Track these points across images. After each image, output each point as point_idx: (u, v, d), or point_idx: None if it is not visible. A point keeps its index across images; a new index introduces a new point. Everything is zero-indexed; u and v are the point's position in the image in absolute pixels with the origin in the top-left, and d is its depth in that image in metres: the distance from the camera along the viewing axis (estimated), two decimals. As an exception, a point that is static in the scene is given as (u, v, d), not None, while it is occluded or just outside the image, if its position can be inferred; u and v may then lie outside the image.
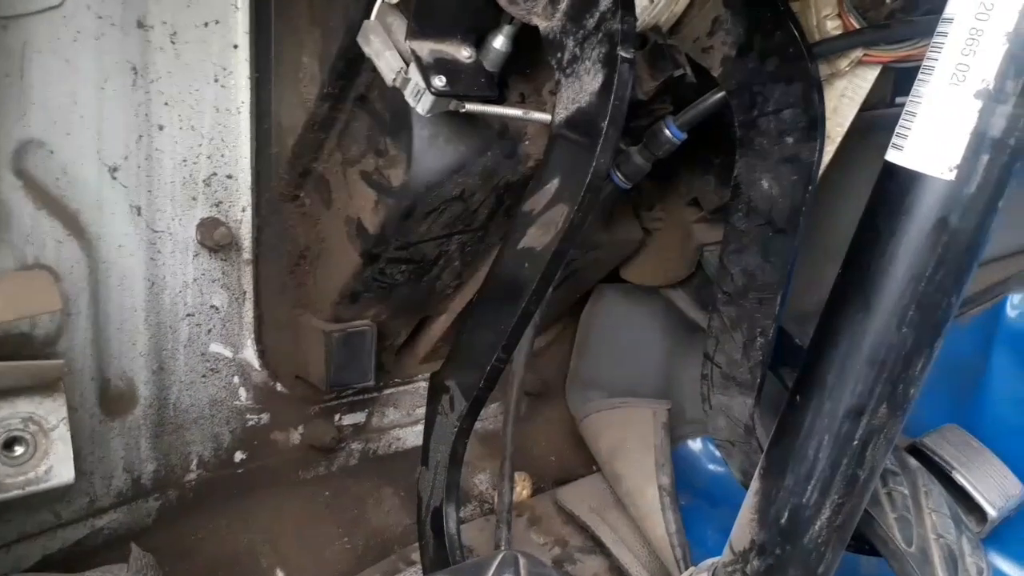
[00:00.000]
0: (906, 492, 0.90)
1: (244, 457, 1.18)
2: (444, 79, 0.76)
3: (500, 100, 0.85)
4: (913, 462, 0.95)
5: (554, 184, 0.78)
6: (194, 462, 1.13)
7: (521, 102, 0.89)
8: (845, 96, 0.87)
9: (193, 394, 1.09)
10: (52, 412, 0.83)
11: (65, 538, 1.03)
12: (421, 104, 0.76)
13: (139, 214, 0.95)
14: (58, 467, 0.84)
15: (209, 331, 1.07)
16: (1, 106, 0.82)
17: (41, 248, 0.88)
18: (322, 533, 1.22)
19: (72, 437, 0.86)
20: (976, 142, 0.59)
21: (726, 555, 0.81)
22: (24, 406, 0.81)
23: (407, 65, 0.77)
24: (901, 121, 0.64)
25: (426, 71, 0.75)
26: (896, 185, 0.64)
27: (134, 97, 0.90)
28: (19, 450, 0.82)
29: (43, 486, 0.84)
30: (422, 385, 1.36)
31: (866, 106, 0.87)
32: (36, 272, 0.85)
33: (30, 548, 1.00)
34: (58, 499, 1.00)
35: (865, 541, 0.90)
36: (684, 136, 0.94)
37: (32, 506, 0.98)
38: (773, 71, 0.81)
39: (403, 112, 0.85)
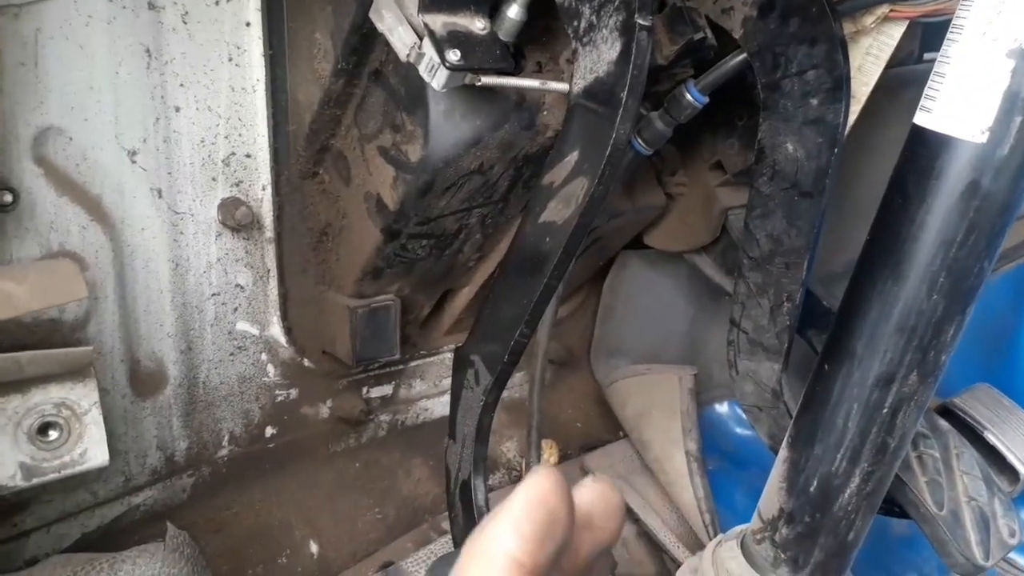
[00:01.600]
0: (937, 455, 0.89)
1: (275, 432, 1.20)
2: (459, 53, 0.74)
3: (516, 71, 0.84)
4: (944, 424, 0.94)
5: (574, 156, 0.77)
6: (226, 438, 1.15)
7: (538, 71, 0.87)
8: (871, 54, 0.85)
9: (222, 372, 1.11)
10: (84, 397, 0.84)
11: (103, 516, 1.06)
12: (436, 79, 0.75)
13: (160, 196, 0.95)
14: (92, 450, 0.86)
15: (235, 310, 1.08)
16: (18, 94, 0.82)
17: (66, 234, 0.89)
18: (354, 504, 1.24)
19: (105, 418, 0.88)
20: (1008, 103, 0.57)
21: (755, 523, 0.81)
22: (56, 392, 0.83)
23: (420, 40, 0.75)
24: (930, 83, 0.62)
25: (440, 45, 0.74)
26: (925, 149, 0.62)
27: (149, 80, 0.90)
28: (53, 435, 0.84)
29: (78, 469, 0.85)
30: (447, 356, 1.37)
31: (893, 63, 0.85)
32: (61, 261, 0.86)
33: (69, 527, 1.03)
34: (95, 479, 1.03)
35: (895, 504, 0.89)
36: (706, 100, 0.92)
37: (70, 486, 1.00)
38: (796, 31, 0.79)
39: (418, 87, 0.84)
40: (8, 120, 0.81)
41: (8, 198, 0.80)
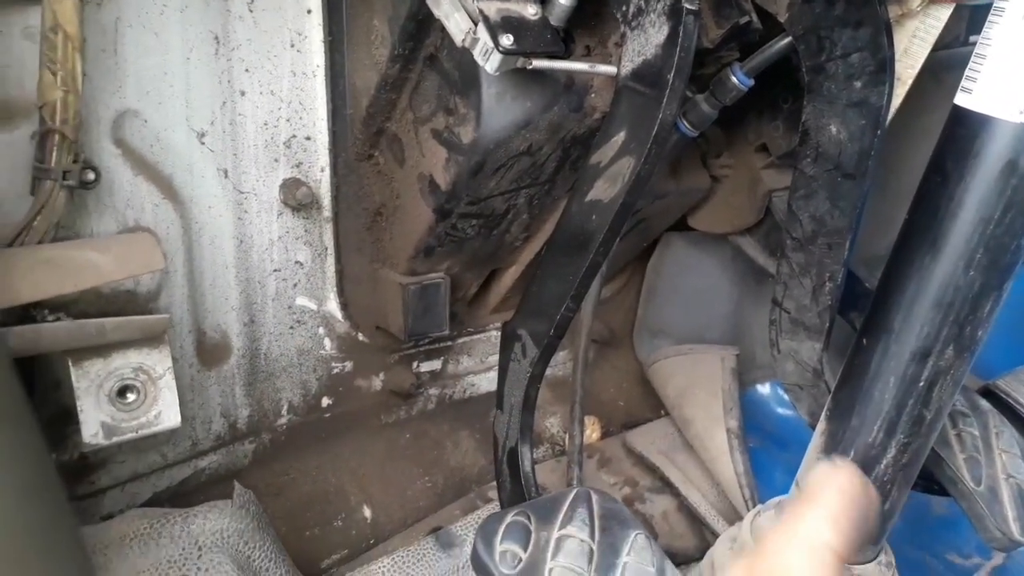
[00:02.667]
0: (976, 433, 0.90)
1: (330, 402, 1.25)
2: (511, 37, 0.77)
3: (566, 54, 0.87)
4: (984, 404, 0.95)
5: (621, 136, 0.80)
6: (285, 407, 1.21)
7: (587, 55, 0.90)
8: (916, 37, 0.86)
9: (282, 344, 1.16)
10: (159, 362, 0.90)
11: (172, 477, 1.12)
12: (490, 63, 0.78)
13: (226, 176, 1.01)
14: (166, 412, 0.91)
15: (295, 285, 1.13)
16: (99, 79, 0.87)
17: (140, 211, 0.95)
18: (404, 473, 1.29)
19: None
20: (1048, 83, 0.59)
21: (793, 492, 0.83)
22: (134, 357, 0.89)
23: (475, 25, 0.79)
24: (971, 64, 0.63)
25: (494, 30, 0.77)
26: (965, 129, 0.64)
27: (217, 65, 0.95)
28: (131, 397, 0.90)
29: (153, 429, 0.91)
30: (494, 334, 1.41)
31: (939, 46, 0.86)
32: (140, 234, 0.92)
33: (141, 486, 1.10)
34: (165, 442, 1.09)
35: (934, 481, 0.91)
36: (751, 83, 0.93)
37: (142, 448, 1.07)
38: (841, 14, 0.81)
39: (471, 71, 0.87)
40: (91, 103, 0.87)
41: (91, 176, 0.85)
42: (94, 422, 0.87)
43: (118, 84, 0.89)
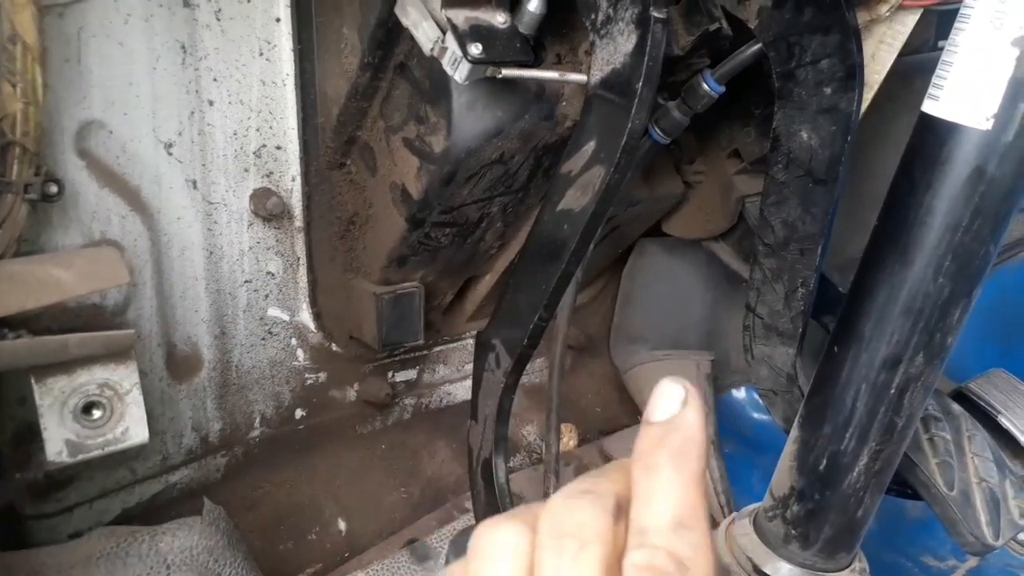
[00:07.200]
0: (948, 437, 0.91)
1: (304, 414, 1.24)
2: (480, 46, 0.77)
3: (536, 63, 0.86)
4: (956, 408, 0.95)
5: (591, 146, 0.80)
6: (257, 420, 1.19)
7: (557, 63, 0.90)
8: (884, 43, 0.86)
9: (254, 356, 1.14)
10: (125, 378, 0.88)
11: (142, 493, 1.10)
12: (459, 72, 0.77)
13: (195, 187, 0.99)
14: (133, 428, 0.90)
15: (266, 296, 1.12)
16: (63, 89, 0.85)
17: (107, 224, 0.93)
18: (380, 484, 1.27)
19: (144, 400, 0.92)
20: (1014, 90, 0.59)
21: (767, 501, 0.83)
22: (100, 373, 0.87)
23: (444, 34, 0.78)
24: (937, 71, 0.63)
25: (462, 39, 0.77)
26: (932, 135, 0.64)
27: (184, 75, 0.93)
28: (97, 414, 0.88)
29: (120, 446, 0.89)
30: (469, 342, 1.40)
31: (908, 51, 0.86)
32: (104, 248, 0.90)
33: (111, 503, 1.08)
34: (134, 457, 1.07)
35: (908, 486, 0.91)
36: (722, 89, 0.93)
37: (111, 464, 1.05)
38: (810, 21, 0.81)
39: (441, 79, 0.86)
40: (53, 114, 0.85)
41: (54, 189, 0.83)
42: (58, 440, 0.85)
43: (82, 95, 0.87)
